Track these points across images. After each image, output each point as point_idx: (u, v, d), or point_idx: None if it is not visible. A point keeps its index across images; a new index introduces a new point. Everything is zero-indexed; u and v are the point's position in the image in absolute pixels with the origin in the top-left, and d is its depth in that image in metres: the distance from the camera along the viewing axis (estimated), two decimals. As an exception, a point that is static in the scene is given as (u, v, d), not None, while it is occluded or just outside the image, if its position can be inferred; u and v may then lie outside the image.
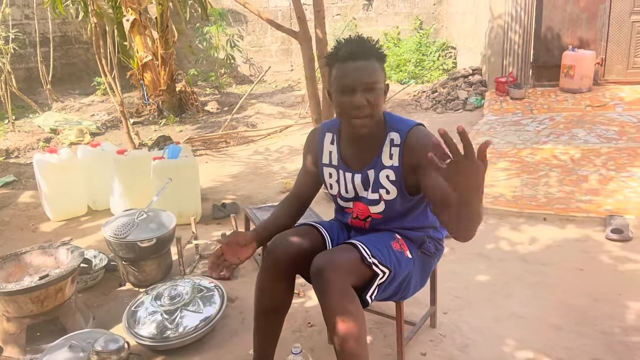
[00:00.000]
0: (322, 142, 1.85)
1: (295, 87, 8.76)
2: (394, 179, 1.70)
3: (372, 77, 1.58)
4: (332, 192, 1.86)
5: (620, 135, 4.63)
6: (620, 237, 2.94)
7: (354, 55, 1.58)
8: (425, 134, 1.68)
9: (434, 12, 8.93)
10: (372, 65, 1.58)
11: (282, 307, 1.86)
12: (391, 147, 1.69)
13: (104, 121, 6.78)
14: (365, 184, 1.76)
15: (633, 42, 5.99)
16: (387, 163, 1.70)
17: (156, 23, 6.76)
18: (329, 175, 1.84)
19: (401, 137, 1.68)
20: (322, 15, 4.10)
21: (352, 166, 1.77)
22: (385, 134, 1.70)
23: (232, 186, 4.42)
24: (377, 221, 1.80)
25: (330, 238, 1.84)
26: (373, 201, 1.76)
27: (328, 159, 1.83)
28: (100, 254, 2.97)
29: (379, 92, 1.60)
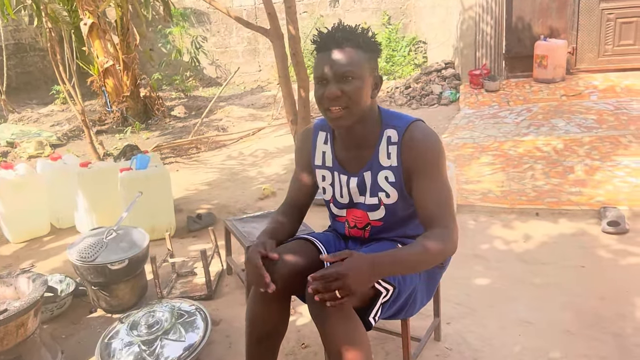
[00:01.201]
0: (315, 141, 1.69)
1: (265, 87, 8.53)
2: (394, 180, 1.55)
3: (348, 65, 1.44)
4: (326, 196, 1.70)
5: (599, 124, 4.58)
6: (617, 229, 2.84)
7: (331, 44, 1.46)
8: (425, 131, 1.54)
9: (402, 6, 8.83)
10: (353, 53, 1.45)
11: (277, 333, 1.66)
12: (388, 145, 1.55)
13: (64, 131, 6.42)
14: (362, 188, 1.60)
15: (603, 30, 5.98)
16: (385, 163, 1.55)
17: (116, 26, 6.43)
18: (322, 178, 1.69)
19: (399, 135, 1.53)
20: (293, 11, 3.90)
21: (348, 168, 1.62)
22: (381, 131, 1.56)
23: (207, 195, 4.18)
24: (378, 229, 1.64)
25: (327, 252, 1.65)
26: (372, 206, 1.60)
27: (321, 160, 1.68)
28: (67, 278, 2.71)
29: (358, 83, 1.45)
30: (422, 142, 1.50)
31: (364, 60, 1.47)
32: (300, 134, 1.77)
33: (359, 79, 1.46)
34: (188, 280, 2.74)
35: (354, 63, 1.45)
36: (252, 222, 2.66)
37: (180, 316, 2.19)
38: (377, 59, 1.55)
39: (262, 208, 3.73)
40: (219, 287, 2.66)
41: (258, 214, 2.77)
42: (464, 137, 4.79)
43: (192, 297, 2.51)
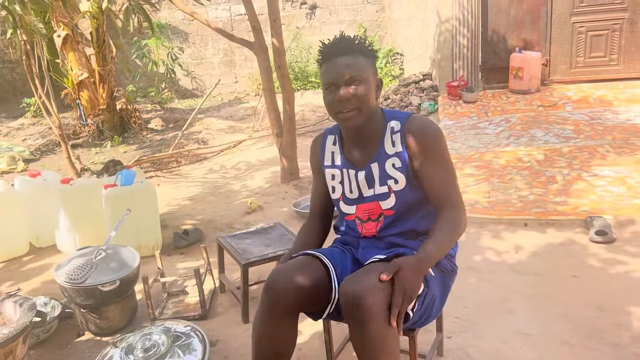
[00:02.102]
0: (324, 145, 1.79)
1: (243, 99, 8.48)
2: (400, 165, 1.63)
3: (355, 70, 1.57)
4: (335, 195, 1.76)
5: (577, 134, 4.69)
6: (605, 239, 2.90)
7: (336, 52, 1.59)
8: (425, 119, 1.66)
9: (377, 19, 8.93)
10: (356, 60, 1.58)
11: (286, 352, 1.63)
12: (392, 135, 1.65)
13: (37, 146, 6.23)
14: (370, 180, 1.67)
15: (574, 43, 6.15)
16: (390, 151, 1.65)
17: (91, 38, 6.30)
18: (331, 177, 1.77)
19: (401, 123, 1.65)
20: (278, 25, 3.89)
21: (356, 163, 1.71)
22: (385, 125, 1.67)
23: (191, 210, 4.10)
24: (390, 219, 1.67)
25: (334, 268, 1.63)
26: (383, 195, 1.66)
27: (330, 160, 1.77)
28: (51, 300, 2.61)
29: (365, 86, 1.58)
30: (424, 128, 1.61)
31: (366, 65, 1.59)
32: (312, 143, 1.84)
33: (365, 82, 1.57)
34: (180, 299, 2.68)
35: (359, 68, 1.57)
36: (246, 238, 2.62)
37: (177, 338, 2.12)
38: (375, 64, 1.67)
39: (249, 223, 3.69)
40: (212, 306, 2.59)
41: (252, 230, 2.72)
42: (446, 148, 4.82)
43: (186, 318, 2.44)
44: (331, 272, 1.62)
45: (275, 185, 4.45)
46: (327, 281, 1.60)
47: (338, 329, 2.15)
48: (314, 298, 1.57)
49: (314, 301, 1.58)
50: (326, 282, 1.60)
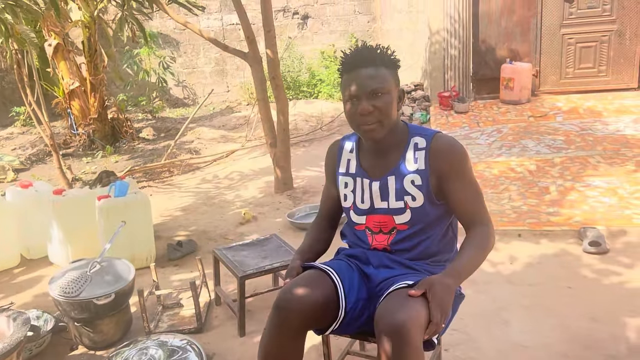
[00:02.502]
0: (341, 151, 1.78)
1: (234, 108, 8.47)
2: (420, 183, 1.61)
3: (378, 83, 1.55)
4: (346, 204, 1.73)
5: (568, 145, 4.74)
6: (599, 249, 2.92)
7: (359, 63, 1.57)
8: (451, 138, 1.64)
9: (369, 29, 8.99)
10: (379, 71, 1.56)
11: None
12: (415, 151, 1.63)
13: (27, 155, 6.17)
14: (384, 192, 1.64)
15: (564, 54, 6.23)
16: (411, 168, 1.62)
17: (83, 47, 6.27)
18: (344, 185, 1.74)
19: (427, 141, 1.62)
20: (272, 36, 3.90)
21: (371, 174, 1.68)
22: (409, 140, 1.65)
23: (184, 220, 4.08)
24: (403, 234, 1.63)
25: (342, 283, 1.61)
26: (398, 210, 1.63)
27: (345, 167, 1.75)
28: (44, 313, 2.58)
29: (387, 98, 1.56)
30: (451, 147, 1.60)
31: (388, 76, 1.57)
32: (329, 148, 1.84)
33: (388, 94, 1.56)
34: (175, 312, 2.65)
35: (382, 79, 1.55)
36: (242, 250, 2.61)
37: (173, 352, 2.10)
38: (397, 74, 1.64)
39: (243, 233, 3.67)
40: (208, 319, 2.58)
41: (247, 242, 2.71)
42: (439, 158, 4.85)
43: (181, 331, 2.42)
44: (339, 288, 1.59)
45: (269, 196, 4.44)
46: (335, 298, 1.58)
47: (335, 342, 2.14)
48: (322, 315, 1.56)
49: (322, 318, 1.57)
50: (334, 299, 1.58)
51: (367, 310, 1.61)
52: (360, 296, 1.62)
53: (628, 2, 5.83)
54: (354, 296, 1.60)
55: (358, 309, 1.60)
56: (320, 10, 8.93)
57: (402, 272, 1.61)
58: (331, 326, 1.59)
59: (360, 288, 1.64)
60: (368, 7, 8.90)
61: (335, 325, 1.59)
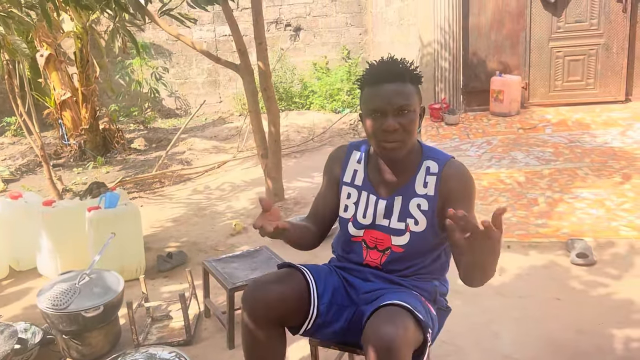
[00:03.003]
0: (348, 159, 1.72)
1: (227, 119, 8.49)
2: (426, 209, 1.58)
3: (405, 99, 1.50)
4: (345, 215, 1.68)
5: (556, 157, 4.79)
6: (586, 261, 2.95)
7: (386, 77, 1.51)
8: (463, 167, 1.62)
9: (360, 41, 9.07)
10: (406, 87, 1.51)
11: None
12: (426, 175, 1.59)
13: (17, 166, 6.14)
14: (389, 211, 1.61)
15: (553, 67, 6.31)
16: (420, 191, 1.59)
17: (75, 58, 6.28)
18: (347, 195, 1.69)
19: (439, 166, 1.59)
20: (264, 48, 3.93)
21: (379, 190, 1.64)
22: (421, 162, 1.61)
23: (175, 232, 4.07)
24: (397, 255, 1.61)
25: (315, 283, 1.61)
26: (397, 231, 1.60)
27: (351, 177, 1.69)
28: (32, 326, 2.55)
29: (412, 116, 1.52)
30: (463, 177, 1.58)
31: (414, 93, 1.53)
32: (333, 151, 1.78)
33: (413, 112, 1.52)
34: (164, 324, 2.64)
35: (409, 96, 1.51)
36: (232, 262, 2.61)
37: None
38: (420, 91, 1.60)
39: (233, 245, 3.67)
40: (197, 331, 2.57)
41: (237, 254, 2.71)
42: (429, 169, 4.89)
43: (170, 343, 2.42)
44: (311, 287, 1.60)
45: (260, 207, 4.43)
46: (307, 295, 1.59)
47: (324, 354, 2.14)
48: (292, 311, 1.56)
49: (292, 314, 1.57)
50: (305, 296, 1.58)
51: (345, 316, 1.61)
52: (336, 301, 1.62)
53: (615, 16, 5.93)
54: (327, 297, 1.60)
55: (332, 312, 1.60)
56: (313, 22, 9.01)
57: (388, 285, 1.62)
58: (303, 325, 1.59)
59: (338, 293, 1.64)
60: (360, 20, 8.99)
61: (307, 324, 1.58)
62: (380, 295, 1.56)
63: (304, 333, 1.63)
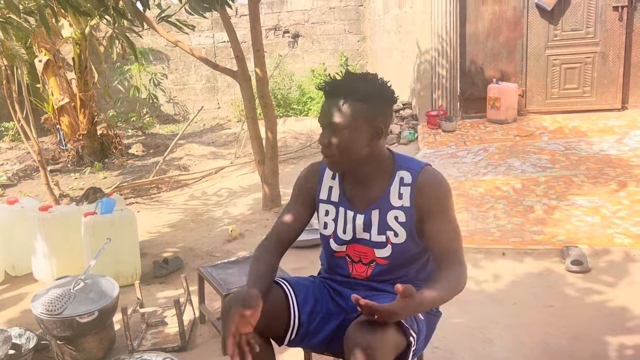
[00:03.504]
0: (322, 176, 1.69)
1: (225, 125, 8.51)
2: (404, 220, 1.57)
3: (337, 117, 1.49)
4: (326, 232, 1.67)
5: (553, 164, 4.81)
6: (581, 268, 2.96)
7: (327, 92, 1.52)
8: (438, 175, 1.59)
9: (359, 48, 9.11)
10: (346, 104, 1.48)
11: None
12: (400, 186, 1.57)
13: (15, 171, 6.14)
14: (367, 225, 1.60)
15: (549, 75, 6.35)
16: (396, 203, 1.57)
17: (74, 64, 6.30)
18: (325, 212, 1.67)
19: (412, 176, 1.56)
20: (262, 55, 3.95)
21: (356, 205, 1.62)
22: (394, 172, 1.59)
23: (171, 237, 4.07)
24: (382, 268, 1.61)
25: (295, 294, 1.61)
26: (379, 244, 1.59)
27: (327, 194, 1.67)
28: (26, 331, 2.54)
29: (346, 134, 1.49)
30: (437, 185, 1.55)
31: (357, 111, 1.48)
32: (305, 169, 1.75)
33: (346, 130, 1.48)
34: (159, 330, 2.64)
35: (343, 115, 1.48)
36: (228, 268, 2.61)
37: (156, 371, 2.09)
38: (383, 109, 1.52)
39: (230, 251, 3.68)
40: (192, 337, 2.57)
41: (233, 260, 2.71)
42: (426, 176, 4.90)
43: (164, 349, 2.41)
44: (290, 298, 1.59)
45: (257, 213, 4.45)
46: (286, 307, 1.58)
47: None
48: (273, 323, 1.54)
49: (274, 326, 1.55)
50: (285, 308, 1.57)
51: (331, 325, 1.61)
52: (320, 310, 1.62)
53: (611, 24, 5.97)
54: (309, 307, 1.59)
55: (316, 321, 1.60)
56: (311, 29, 9.05)
57: (373, 293, 1.62)
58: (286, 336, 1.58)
59: (322, 302, 1.64)
60: (358, 27, 9.04)
61: (290, 335, 1.58)
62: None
63: (289, 343, 1.61)
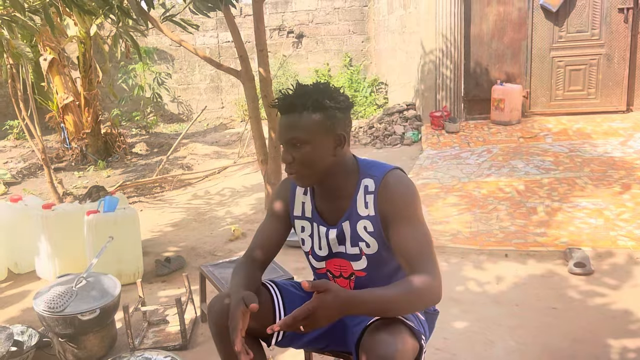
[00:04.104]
0: (294, 192, 1.66)
1: (228, 125, 8.51)
2: (372, 230, 1.52)
3: (296, 132, 1.44)
4: (305, 248, 1.66)
5: (556, 166, 4.79)
6: (584, 270, 2.94)
7: (282, 109, 1.48)
8: (401, 179, 1.52)
9: (363, 49, 9.10)
10: (302, 118, 1.44)
11: None
12: (365, 194, 1.53)
13: (19, 169, 6.17)
14: (341, 238, 1.57)
15: (554, 77, 6.33)
16: (362, 213, 1.53)
17: (78, 63, 6.32)
18: (301, 228, 1.65)
19: (375, 184, 1.52)
20: (265, 54, 3.95)
21: (327, 219, 1.60)
22: (359, 181, 1.54)
23: (174, 236, 4.08)
24: (362, 280, 1.59)
25: (281, 296, 1.60)
26: (354, 256, 1.57)
27: (300, 210, 1.65)
28: (29, 329, 2.55)
29: (307, 148, 1.45)
30: (396, 189, 1.49)
31: (315, 122, 1.44)
32: (278, 184, 1.73)
33: (308, 144, 1.45)
34: (160, 328, 2.64)
35: (302, 128, 1.44)
36: (229, 267, 2.61)
37: (157, 369, 2.09)
38: (341, 115, 1.48)
39: (232, 250, 3.68)
40: (193, 336, 2.57)
41: (234, 259, 2.72)
42: (428, 177, 4.90)
43: (165, 348, 2.42)
44: (275, 299, 1.59)
45: (260, 212, 4.45)
46: (272, 308, 1.57)
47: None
48: (258, 324, 1.49)
49: (260, 327, 1.49)
50: (271, 309, 1.57)
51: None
52: None
53: (616, 26, 5.95)
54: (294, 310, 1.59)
55: None
56: (315, 29, 9.06)
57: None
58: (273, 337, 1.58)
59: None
60: (362, 27, 9.04)
61: (277, 336, 1.58)
62: None
63: (277, 344, 1.61)
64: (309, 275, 1.84)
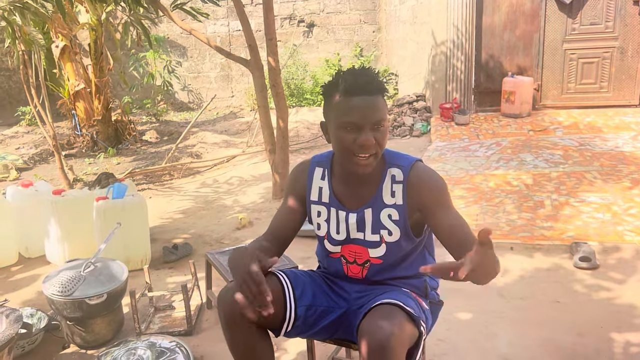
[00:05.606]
0: (312, 177, 1.66)
1: (238, 114, 8.53)
2: (397, 218, 1.55)
3: (382, 114, 1.45)
4: (320, 232, 1.66)
5: (565, 159, 4.76)
6: (589, 265, 2.94)
7: (364, 89, 1.44)
8: (429, 170, 1.57)
9: (374, 39, 9.05)
10: (381, 101, 1.46)
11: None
12: (392, 184, 1.55)
13: (31, 155, 6.24)
14: (361, 224, 1.58)
15: (566, 69, 6.27)
16: (388, 201, 1.55)
17: (89, 50, 6.36)
18: (317, 213, 1.65)
19: (404, 174, 1.54)
20: (274, 44, 3.96)
21: (347, 204, 1.60)
22: (385, 170, 1.56)
23: (182, 224, 4.12)
24: (377, 267, 1.61)
25: (292, 286, 1.60)
26: (373, 243, 1.58)
27: (317, 195, 1.65)
28: (38, 312, 2.61)
29: (385, 131, 1.47)
30: (430, 179, 1.53)
31: (385, 104, 1.49)
32: (295, 167, 1.73)
33: (387, 126, 1.49)
34: (166, 314, 2.68)
35: (384, 110, 1.47)
36: (235, 255, 2.63)
37: (162, 354, 2.13)
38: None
39: (238, 238, 3.71)
40: (198, 322, 2.60)
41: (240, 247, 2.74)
42: (437, 169, 4.88)
43: (171, 333, 2.45)
44: (286, 289, 1.58)
45: (267, 202, 4.48)
46: (282, 299, 1.56)
47: (323, 349, 2.17)
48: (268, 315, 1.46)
49: (270, 317, 1.49)
50: (282, 300, 1.56)
51: (330, 317, 1.62)
52: (320, 303, 1.61)
53: (630, 19, 5.87)
54: (307, 300, 1.59)
55: (315, 314, 1.60)
56: (326, 19, 9.01)
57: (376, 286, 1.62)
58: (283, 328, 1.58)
59: (320, 295, 1.63)
60: (373, 17, 8.98)
61: (287, 327, 1.57)
62: (371, 294, 1.57)
63: (286, 334, 1.61)
64: (314, 264, 1.85)
